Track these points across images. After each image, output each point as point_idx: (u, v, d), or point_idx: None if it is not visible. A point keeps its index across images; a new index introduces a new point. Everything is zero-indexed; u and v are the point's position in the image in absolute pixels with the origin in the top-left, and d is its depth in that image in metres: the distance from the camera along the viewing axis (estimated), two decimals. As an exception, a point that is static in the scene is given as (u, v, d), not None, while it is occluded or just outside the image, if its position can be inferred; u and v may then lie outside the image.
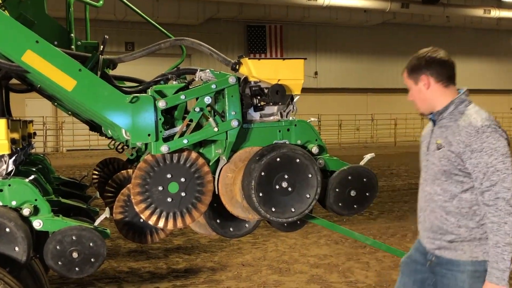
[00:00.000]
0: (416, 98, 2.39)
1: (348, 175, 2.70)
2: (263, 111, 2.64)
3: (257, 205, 2.49)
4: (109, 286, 4.98)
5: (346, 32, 26.66)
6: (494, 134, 2.16)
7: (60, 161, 18.01)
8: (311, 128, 2.73)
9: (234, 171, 2.65)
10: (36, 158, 4.34)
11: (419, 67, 2.33)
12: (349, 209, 2.75)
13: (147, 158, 2.47)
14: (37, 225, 2.61)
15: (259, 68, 2.53)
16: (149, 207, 2.49)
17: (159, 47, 2.72)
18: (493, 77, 30.12)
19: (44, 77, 2.27)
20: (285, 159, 2.50)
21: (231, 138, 2.49)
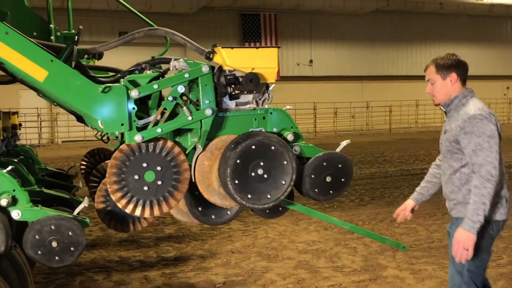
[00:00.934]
0: (439, 90, 2.91)
1: (323, 161, 2.73)
2: (238, 99, 2.66)
3: (233, 192, 2.52)
4: (98, 275, 5.02)
5: (340, 19, 26.58)
6: (484, 120, 2.74)
7: (56, 152, 18.04)
8: (286, 116, 2.75)
9: (211, 159, 2.68)
10: (21, 149, 4.36)
11: (450, 66, 2.88)
12: (325, 195, 2.78)
13: (122, 147, 2.49)
14: (15, 215, 2.63)
15: (232, 57, 2.55)
16: (125, 195, 2.52)
17: (133, 37, 2.73)
18: (486, 63, 30.07)
19: (16, 68, 2.29)
20: (260, 146, 2.53)
21: (205, 126, 2.51)
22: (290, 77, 25.70)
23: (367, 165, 12.85)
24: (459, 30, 28.81)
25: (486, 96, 29.50)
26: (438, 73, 2.90)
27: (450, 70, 2.87)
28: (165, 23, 14.52)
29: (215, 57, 2.60)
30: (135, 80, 2.48)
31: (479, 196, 2.68)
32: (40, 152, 16.58)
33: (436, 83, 2.91)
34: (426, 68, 2.97)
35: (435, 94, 2.92)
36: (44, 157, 14.80)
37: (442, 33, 28.43)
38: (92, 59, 4.50)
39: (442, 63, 2.89)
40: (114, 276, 5.00)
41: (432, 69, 2.92)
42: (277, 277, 4.90)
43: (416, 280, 4.76)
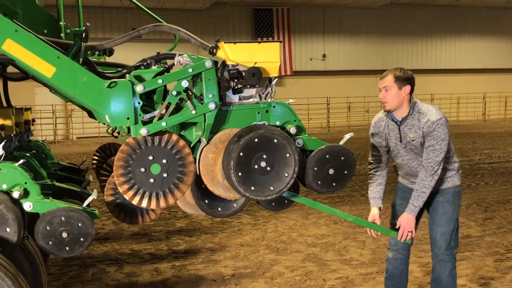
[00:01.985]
0: (393, 97, 3.27)
1: (326, 154, 2.76)
2: (242, 93, 2.70)
3: (237, 185, 2.57)
4: (110, 267, 5.14)
5: (354, 13, 26.43)
6: (443, 126, 3.24)
7: (71, 148, 18.29)
8: (289, 109, 2.79)
9: (215, 152, 2.74)
10: (34, 144, 4.47)
11: (406, 79, 3.28)
12: (328, 187, 2.81)
13: (129, 141, 2.56)
14: (27, 207, 2.71)
15: (235, 51, 2.59)
16: (132, 187, 2.58)
17: (139, 33, 2.79)
18: (503, 56, 29.69)
19: (25, 65, 2.37)
20: (263, 139, 2.57)
21: (209, 120, 2.56)
22: (303, 71, 25.67)
23: (379, 160, 12.80)
24: (475, 23, 28.43)
25: (503, 90, 29.19)
26: (396, 83, 3.26)
27: (406, 82, 3.26)
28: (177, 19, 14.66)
29: (218, 52, 2.65)
30: (140, 75, 2.54)
31: (421, 186, 3.30)
32: (56, 148, 16.85)
33: (390, 90, 3.27)
34: (383, 77, 3.33)
35: (388, 100, 3.28)
36: (60, 153, 15.04)
37: (458, 26, 28.11)
38: (103, 55, 4.58)
39: (399, 75, 3.27)
40: (125, 268, 5.11)
41: (391, 78, 3.28)
42: (285, 270, 4.96)
43: (424, 273, 4.79)
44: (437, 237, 3.50)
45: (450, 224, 3.48)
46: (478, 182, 9.47)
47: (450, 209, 3.48)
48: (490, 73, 29.62)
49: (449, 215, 3.48)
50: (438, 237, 3.49)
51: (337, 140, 2.84)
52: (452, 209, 3.48)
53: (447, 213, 3.48)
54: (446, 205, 3.49)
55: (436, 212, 3.51)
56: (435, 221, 3.51)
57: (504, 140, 17.25)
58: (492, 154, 13.56)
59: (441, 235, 3.48)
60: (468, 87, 28.10)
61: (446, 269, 3.49)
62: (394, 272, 3.67)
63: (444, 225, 3.47)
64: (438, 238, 3.49)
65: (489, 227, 6.40)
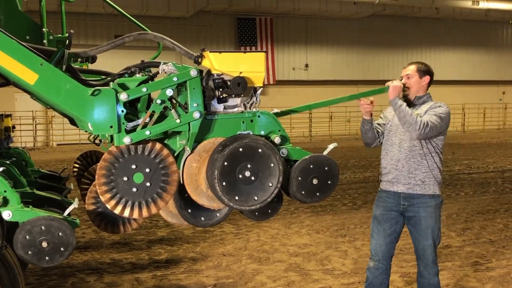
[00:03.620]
0: (413, 83, 3.60)
1: (310, 164, 2.76)
2: (226, 103, 2.70)
3: (221, 194, 2.55)
4: (90, 276, 5.05)
5: (336, 24, 26.69)
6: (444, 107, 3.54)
7: (50, 155, 18.03)
8: (274, 119, 2.78)
9: (199, 161, 2.72)
10: (14, 151, 4.39)
11: (427, 71, 3.65)
12: (312, 197, 2.81)
13: (112, 149, 2.52)
14: (6, 215, 2.65)
15: (220, 61, 2.59)
16: (114, 197, 2.55)
17: (123, 41, 2.77)
18: (482, 68, 30.27)
19: (7, 71, 2.33)
20: (247, 149, 2.56)
21: (193, 129, 2.55)
22: (285, 81, 25.80)
23: (361, 169, 12.92)
24: (455, 35, 28.96)
25: (481, 101, 29.72)
26: (418, 72, 3.61)
27: (426, 73, 3.63)
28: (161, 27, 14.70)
29: (203, 61, 2.64)
30: (124, 83, 2.51)
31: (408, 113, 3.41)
32: (35, 155, 16.59)
33: (412, 78, 3.60)
34: (406, 66, 3.67)
35: (412, 85, 3.60)
36: (39, 160, 14.81)
37: (438, 38, 28.60)
38: (86, 62, 4.54)
39: (422, 66, 3.64)
40: (106, 278, 5.03)
41: (414, 68, 3.63)
42: (267, 280, 4.95)
43: (405, 283, 4.82)
44: (424, 250, 3.59)
45: (434, 236, 3.57)
46: (458, 193, 9.59)
47: (432, 222, 3.56)
48: (469, 84, 30.14)
49: (431, 228, 3.56)
50: (426, 249, 3.58)
51: (319, 149, 2.85)
52: (434, 221, 3.57)
53: (430, 226, 3.56)
54: (428, 220, 3.56)
55: (419, 227, 3.58)
56: (421, 235, 3.58)
57: (482, 151, 17.53)
58: (472, 164, 13.77)
59: (428, 246, 3.57)
60: (448, 98, 28.29)
61: (435, 277, 3.61)
62: (375, 281, 3.70)
63: (430, 238, 3.56)
64: (426, 250, 3.58)
65: (469, 237, 6.47)
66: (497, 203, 8.61)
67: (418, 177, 3.55)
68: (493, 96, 30.99)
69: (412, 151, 3.54)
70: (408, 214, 3.61)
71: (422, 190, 3.55)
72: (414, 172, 3.55)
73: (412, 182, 3.55)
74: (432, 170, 3.55)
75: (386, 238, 3.66)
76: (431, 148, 3.55)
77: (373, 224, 3.72)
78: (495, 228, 6.89)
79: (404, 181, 3.57)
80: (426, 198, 3.55)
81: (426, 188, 3.55)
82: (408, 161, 3.55)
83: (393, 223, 3.65)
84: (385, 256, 3.68)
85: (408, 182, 3.56)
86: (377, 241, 3.67)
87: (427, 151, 3.54)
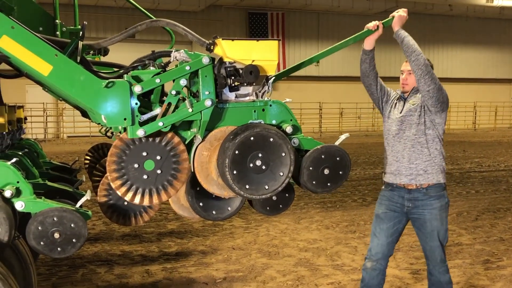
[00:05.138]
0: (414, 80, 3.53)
1: (321, 154, 2.74)
2: (238, 91, 2.67)
3: (231, 183, 2.53)
4: (100, 268, 5.08)
5: (348, 20, 26.52)
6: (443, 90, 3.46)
7: (61, 147, 18.16)
8: (286, 108, 2.76)
9: (210, 149, 2.70)
10: (26, 142, 4.41)
11: None
12: (323, 187, 2.79)
13: (123, 136, 2.51)
14: (19, 206, 2.67)
15: (232, 48, 2.56)
16: (125, 183, 2.54)
17: (136, 30, 2.76)
18: (494, 66, 29.98)
19: (21, 62, 2.33)
20: (258, 138, 2.54)
21: (205, 117, 2.53)
22: (296, 76, 25.70)
23: (371, 166, 12.86)
24: (468, 33, 28.69)
25: (493, 99, 29.44)
26: None
27: None
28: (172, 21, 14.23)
29: (215, 49, 2.62)
30: (138, 76, 2.51)
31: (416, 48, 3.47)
32: (46, 146, 16.69)
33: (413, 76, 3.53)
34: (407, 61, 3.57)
35: (409, 83, 3.56)
36: (50, 152, 14.92)
37: (451, 35, 28.34)
38: (98, 55, 4.55)
39: None
40: (116, 269, 5.06)
41: None
42: (277, 274, 4.94)
43: (415, 280, 4.80)
44: (432, 250, 3.53)
45: (440, 237, 3.50)
46: (468, 190, 9.52)
47: (437, 224, 3.47)
48: (481, 82, 29.88)
49: (437, 229, 3.48)
50: (433, 250, 3.52)
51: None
52: (439, 223, 3.48)
53: (436, 228, 3.48)
54: (433, 222, 3.47)
55: (425, 229, 3.51)
56: (427, 237, 3.52)
57: (494, 149, 17.38)
58: (483, 162, 13.65)
59: (436, 247, 3.51)
60: (459, 96, 28.27)
61: (445, 274, 3.55)
62: (371, 282, 3.60)
63: (436, 239, 3.49)
64: (434, 251, 3.52)
65: (480, 235, 6.42)
66: (508, 201, 8.53)
67: (419, 166, 3.43)
68: (505, 94, 30.69)
69: (412, 140, 3.43)
70: (413, 216, 3.54)
71: (425, 180, 3.43)
72: (415, 162, 3.43)
73: (414, 173, 3.43)
74: (433, 158, 3.44)
75: (388, 238, 3.57)
76: (431, 136, 3.44)
77: (375, 223, 3.63)
78: (506, 227, 6.83)
79: (405, 172, 3.45)
80: (431, 199, 3.45)
81: (429, 177, 3.43)
82: (408, 151, 3.44)
83: (396, 222, 3.57)
84: (384, 256, 3.60)
85: (410, 173, 3.44)
86: (379, 241, 3.58)
87: (428, 139, 3.43)
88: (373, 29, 3.48)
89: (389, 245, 3.59)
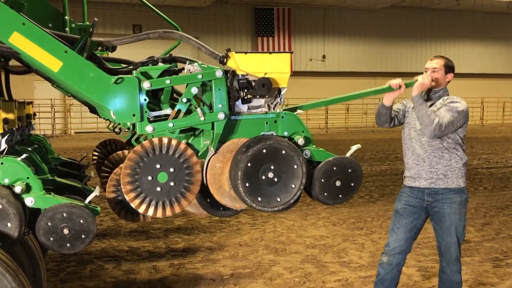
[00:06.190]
0: (439, 78, 3.53)
1: (333, 165, 2.73)
2: (250, 103, 2.68)
3: (244, 195, 2.54)
4: (108, 264, 5.10)
5: (354, 15, 26.44)
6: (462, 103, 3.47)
7: (68, 143, 18.23)
8: (297, 120, 2.76)
9: (222, 161, 2.71)
10: (35, 138, 4.43)
11: (452, 68, 3.60)
12: (334, 199, 2.78)
13: (137, 149, 2.52)
14: (29, 202, 2.68)
15: (245, 62, 2.57)
16: (138, 196, 2.54)
17: (147, 36, 2.78)
18: (502, 61, 29.77)
19: (31, 59, 2.34)
20: (271, 150, 2.55)
21: (218, 130, 2.54)
22: (302, 72, 25.66)
23: (377, 162, 12.83)
24: (475, 27, 28.49)
25: (501, 95, 29.22)
26: (444, 67, 3.55)
27: (452, 70, 3.59)
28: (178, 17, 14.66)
29: (228, 62, 2.62)
30: (147, 72, 2.52)
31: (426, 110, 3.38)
32: (53, 142, 16.72)
33: (439, 72, 3.53)
34: (433, 59, 3.58)
35: (438, 77, 3.53)
36: (57, 148, 14.95)
37: (458, 30, 28.16)
38: (106, 51, 4.55)
39: (449, 63, 3.59)
40: (123, 265, 5.08)
41: (442, 62, 3.56)
42: (284, 271, 4.94)
43: (423, 278, 4.78)
44: (448, 247, 3.54)
45: (458, 233, 3.52)
46: (476, 187, 9.47)
47: (456, 218, 3.50)
48: (488, 78, 29.69)
49: (456, 224, 3.51)
50: (449, 246, 3.53)
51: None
52: (458, 218, 3.51)
53: (454, 223, 3.50)
54: (452, 216, 3.50)
55: (443, 223, 3.53)
56: (444, 231, 3.53)
57: (501, 145, 17.29)
58: (490, 159, 13.58)
59: (452, 244, 3.52)
60: (467, 91, 28.04)
61: (457, 274, 3.56)
62: (386, 277, 3.62)
63: (454, 235, 3.51)
64: (450, 247, 3.53)
65: (488, 232, 6.39)
66: (517, 198, 8.49)
67: (440, 171, 3.48)
68: (513, 89, 30.47)
69: (432, 146, 3.47)
70: (432, 210, 3.56)
71: (445, 184, 3.49)
72: (435, 166, 3.48)
73: (434, 177, 3.49)
74: (454, 163, 3.50)
75: (406, 233, 3.60)
76: (451, 142, 3.48)
77: (394, 218, 3.66)
78: (515, 224, 6.79)
79: (426, 176, 3.50)
80: (451, 193, 3.49)
81: (449, 181, 3.49)
82: (429, 155, 3.48)
83: (415, 218, 3.60)
84: (402, 251, 3.62)
85: (430, 177, 3.50)
86: (397, 236, 3.61)
87: (447, 145, 3.47)
88: (395, 87, 3.40)
89: (407, 241, 3.61)
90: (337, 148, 16.05)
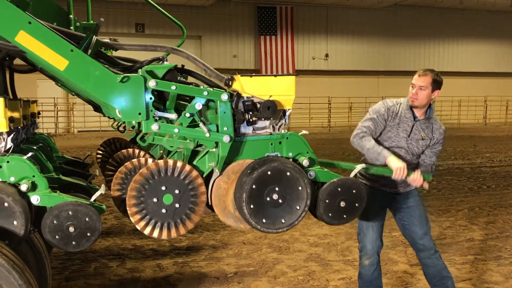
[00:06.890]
0: (424, 97, 3.49)
1: (338, 186, 2.71)
2: (255, 125, 2.70)
3: (248, 217, 2.54)
4: (112, 262, 5.12)
5: (357, 13, 26.41)
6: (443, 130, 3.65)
7: (71, 142, 18.27)
8: (302, 141, 2.76)
9: (227, 182, 2.71)
10: (40, 137, 4.44)
11: (440, 84, 3.52)
12: (339, 219, 2.77)
13: (142, 171, 2.52)
14: (35, 200, 2.69)
15: (250, 84, 2.57)
16: (144, 218, 2.54)
17: (155, 49, 2.80)
18: (505, 60, 29.71)
19: (37, 57, 2.34)
20: (275, 172, 2.55)
21: (223, 152, 2.55)
22: (305, 70, 25.66)
23: (380, 161, 12.81)
24: (478, 26, 28.43)
25: (504, 93, 29.17)
26: (432, 85, 3.49)
27: (438, 88, 3.52)
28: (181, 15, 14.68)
29: (234, 84, 2.63)
30: (153, 71, 2.52)
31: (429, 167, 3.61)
32: (57, 141, 16.76)
33: (425, 90, 3.48)
34: (422, 76, 3.49)
35: (419, 98, 3.49)
36: (60, 146, 14.95)
37: (461, 28, 28.11)
38: (110, 50, 4.56)
39: (437, 79, 3.50)
40: (128, 263, 5.09)
41: (429, 80, 3.48)
42: (288, 269, 4.95)
43: (415, 272, 4.77)
44: (423, 239, 3.69)
45: (427, 223, 3.74)
46: (480, 186, 9.46)
47: (422, 209, 3.74)
48: (491, 76, 29.63)
49: (424, 215, 3.74)
50: (424, 238, 3.69)
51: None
52: (423, 208, 3.76)
53: (423, 214, 3.73)
54: (420, 207, 3.72)
55: (413, 216, 3.71)
56: (416, 224, 3.69)
57: (505, 144, 17.25)
58: (494, 157, 13.56)
59: (425, 235, 3.69)
60: (470, 90, 28.09)
61: (439, 260, 3.71)
62: (371, 277, 3.78)
63: (425, 225, 3.70)
64: (424, 239, 3.69)
65: (492, 231, 6.38)
66: (520, 197, 8.47)
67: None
68: (517, 88, 30.41)
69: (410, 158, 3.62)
70: (398, 206, 3.73)
71: (404, 189, 3.70)
72: None
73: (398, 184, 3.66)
74: None
75: (377, 233, 3.74)
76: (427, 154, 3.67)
77: (362, 221, 3.74)
78: (519, 223, 6.79)
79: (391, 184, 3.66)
80: (410, 187, 3.69)
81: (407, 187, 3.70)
82: None
83: (383, 217, 3.78)
84: (378, 251, 3.77)
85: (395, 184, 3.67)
86: (371, 237, 3.73)
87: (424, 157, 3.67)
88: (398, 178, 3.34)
89: (379, 240, 3.78)
90: (340, 146, 16.04)
